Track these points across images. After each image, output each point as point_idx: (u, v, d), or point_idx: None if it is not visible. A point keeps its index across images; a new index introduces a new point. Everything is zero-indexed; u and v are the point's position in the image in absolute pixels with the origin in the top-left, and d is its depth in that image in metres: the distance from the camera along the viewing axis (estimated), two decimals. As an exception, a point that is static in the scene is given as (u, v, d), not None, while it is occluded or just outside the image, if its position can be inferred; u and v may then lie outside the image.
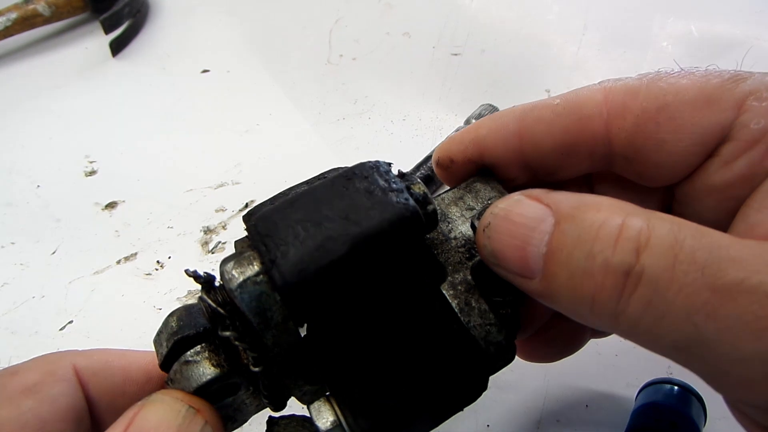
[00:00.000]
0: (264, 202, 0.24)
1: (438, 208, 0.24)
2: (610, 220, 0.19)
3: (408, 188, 0.22)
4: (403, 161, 0.50)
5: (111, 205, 0.52)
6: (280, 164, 0.54)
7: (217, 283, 0.22)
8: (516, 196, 0.22)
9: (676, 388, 0.33)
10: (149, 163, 0.56)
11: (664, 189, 0.26)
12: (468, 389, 0.23)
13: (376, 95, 0.61)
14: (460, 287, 0.23)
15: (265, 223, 0.21)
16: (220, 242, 0.48)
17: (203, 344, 0.23)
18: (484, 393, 0.25)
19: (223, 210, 0.51)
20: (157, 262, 0.47)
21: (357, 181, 0.21)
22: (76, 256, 0.48)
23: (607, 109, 0.24)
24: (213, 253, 0.48)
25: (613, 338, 0.36)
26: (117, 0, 0.69)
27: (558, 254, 0.20)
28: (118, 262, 0.47)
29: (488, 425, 0.36)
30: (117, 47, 0.68)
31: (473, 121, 0.53)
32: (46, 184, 0.54)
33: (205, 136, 0.58)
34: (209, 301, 0.21)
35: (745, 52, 0.56)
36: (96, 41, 0.70)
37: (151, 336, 0.43)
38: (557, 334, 0.28)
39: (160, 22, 0.72)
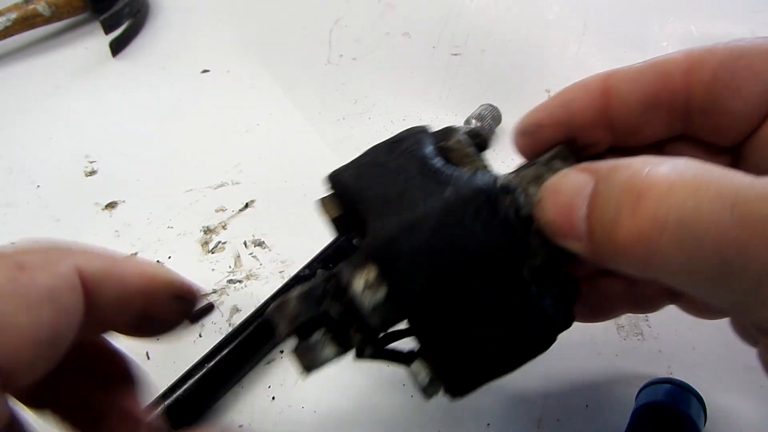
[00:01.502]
0: (348, 167, 0.28)
1: (519, 186, 0.27)
2: (638, 172, 0.21)
3: (516, 211, 0.25)
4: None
5: (111, 205, 0.52)
6: (280, 164, 0.54)
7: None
8: (564, 170, 0.24)
9: (676, 388, 0.33)
10: (149, 163, 0.56)
11: (733, 153, 0.27)
12: (539, 349, 0.27)
13: (376, 95, 0.61)
14: (538, 271, 0.26)
15: (390, 250, 0.24)
16: (220, 242, 0.48)
17: (323, 329, 0.26)
18: (487, 389, 0.29)
19: (223, 210, 0.51)
20: (157, 262, 0.47)
21: (470, 209, 0.24)
22: (76, 256, 0.48)
23: (687, 66, 0.26)
24: (213, 253, 0.48)
25: (613, 338, 0.37)
26: (117, 0, 0.69)
27: (595, 212, 0.22)
28: (118, 262, 0.47)
29: (488, 424, 0.36)
30: (117, 47, 0.68)
31: (473, 121, 0.53)
32: (46, 184, 0.54)
33: (205, 136, 0.58)
34: (337, 308, 0.26)
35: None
36: (96, 41, 0.69)
37: (150, 336, 0.43)
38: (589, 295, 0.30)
39: (160, 22, 0.72)
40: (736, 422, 0.34)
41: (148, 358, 0.41)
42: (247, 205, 0.51)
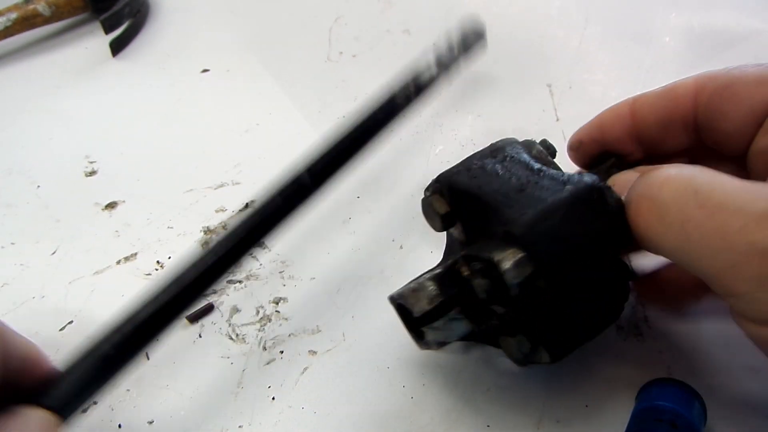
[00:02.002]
0: (455, 172, 0.34)
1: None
2: (656, 173, 0.27)
3: (618, 205, 0.31)
4: (404, 160, 0.50)
5: (111, 205, 0.52)
6: (280, 164, 0.54)
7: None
8: (627, 171, 0.33)
9: (676, 388, 0.33)
10: (149, 163, 0.56)
11: (741, 161, 0.32)
12: (616, 317, 0.34)
13: (376, 92, 0.61)
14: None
15: (533, 233, 0.30)
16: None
17: (458, 307, 0.32)
18: (486, 389, 0.36)
19: (223, 210, 0.51)
20: (157, 262, 0.47)
21: (588, 201, 0.30)
22: (76, 257, 0.48)
23: (695, 90, 0.32)
24: (213, 252, 0.47)
25: (613, 338, 0.36)
26: (117, 0, 0.69)
27: (627, 200, 0.29)
28: (118, 262, 0.47)
29: (488, 425, 0.36)
30: (117, 47, 0.68)
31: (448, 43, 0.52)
32: (46, 184, 0.54)
33: (205, 136, 0.58)
34: (484, 285, 0.31)
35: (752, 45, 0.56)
36: (96, 41, 0.69)
37: (149, 337, 0.43)
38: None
39: (160, 22, 0.72)
40: (736, 422, 0.33)
41: (148, 358, 0.41)
42: (247, 205, 0.51)
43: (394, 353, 0.40)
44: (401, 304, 0.33)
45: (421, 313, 0.31)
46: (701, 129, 0.33)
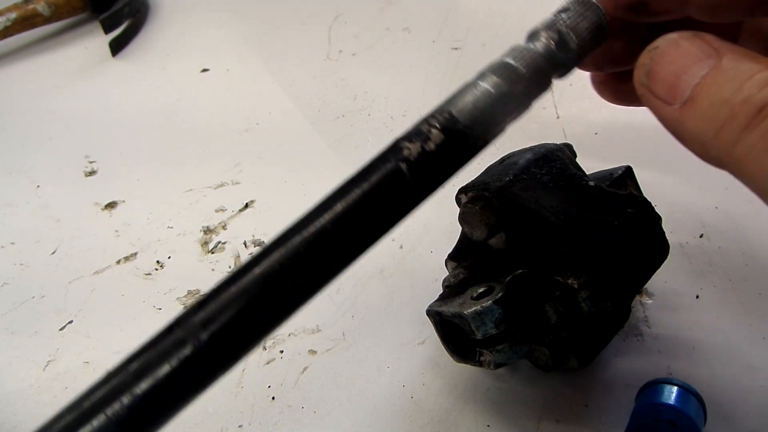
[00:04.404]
0: (500, 179, 0.33)
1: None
2: (765, 70, 0.22)
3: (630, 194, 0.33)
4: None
5: (111, 205, 0.52)
6: (279, 164, 0.54)
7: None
8: (690, 33, 0.24)
9: (676, 388, 0.32)
10: (149, 163, 0.56)
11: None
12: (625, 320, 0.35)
13: (375, 90, 0.61)
14: None
15: (608, 264, 0.31)
16: (220, 242, 0.48)
17: (519, 331, 0.32)
18: (486, 389, 0.35)
19: (223, 210, 0.51)
20: (157, 262, 0.47)
21: (643, 228, 0.32)
22: (76, 256, 0.48)
23: None
24: (213, 253, 0.48)
25: (613, 338, 0.36)
26: (117, 0, 0.69)
27: (709, 86, 0.23)
28: (118, 262, 0.48)
29: (488, 425, 0.36)
30: (117, 47, 0.68)
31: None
32: (46, 184, 0.54)
33: (205, 135, 0.58)
34: (556, 312, 0.32)
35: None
36: (96, 41, 0.70)
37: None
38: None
39: (160, 22, 0.72)
40: (736, 422, 0.33)
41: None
42: (247, 205, 0.51)
43: (394, 353, 0.39)
44: (456, 324, 0.32)
45: (485, 337, 0.31)
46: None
